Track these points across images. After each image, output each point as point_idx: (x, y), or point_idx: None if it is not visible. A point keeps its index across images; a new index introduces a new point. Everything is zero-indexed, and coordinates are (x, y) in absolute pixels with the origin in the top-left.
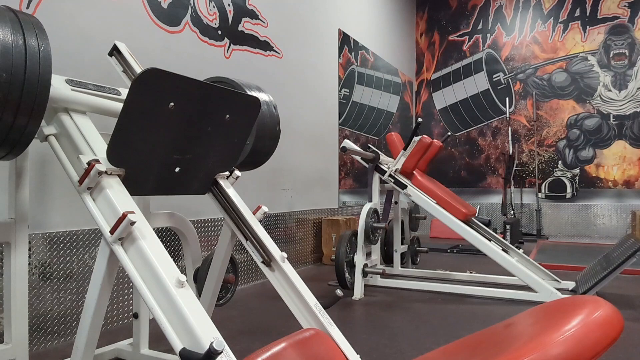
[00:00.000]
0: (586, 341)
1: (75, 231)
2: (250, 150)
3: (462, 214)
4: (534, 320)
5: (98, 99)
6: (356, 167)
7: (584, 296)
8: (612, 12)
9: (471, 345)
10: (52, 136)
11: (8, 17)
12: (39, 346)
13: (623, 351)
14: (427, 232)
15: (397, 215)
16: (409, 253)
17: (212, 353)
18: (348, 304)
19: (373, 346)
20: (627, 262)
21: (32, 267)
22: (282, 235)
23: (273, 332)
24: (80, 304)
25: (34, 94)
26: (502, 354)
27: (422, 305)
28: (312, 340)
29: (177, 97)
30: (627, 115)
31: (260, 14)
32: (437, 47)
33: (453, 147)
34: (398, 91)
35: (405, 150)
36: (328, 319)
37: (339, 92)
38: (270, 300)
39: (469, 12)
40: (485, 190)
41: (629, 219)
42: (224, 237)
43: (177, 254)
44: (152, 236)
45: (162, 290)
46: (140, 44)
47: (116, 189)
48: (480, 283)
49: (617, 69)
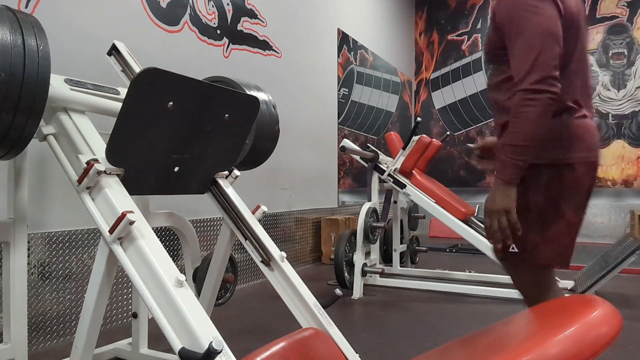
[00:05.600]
0: (585, 340)
1: (74, 231)
2: (250, 149)
3: (461, 213)
4: (532, 319)
5: (97, 98)
6: (355, 166)
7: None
8: (610, 12)
9: (470, 345)
10: (51, 136)
11: (7, 16)
12: (38, 346)
13: (622, 350)
14: (426, 231)
15: (396, 215)
16: (408, 252)
17: (212, 352)
18: (347, 304)
19: (372, 345)
20: (626, 261)
21: (31, 266)
22: (281, 235)
23: (272, 331)
24: (80, 303)
25: (32, 94)
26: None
27: (421, 304)
28: (311, 339)
29: (176, 97)
30: (625, 115)
31: (260, 13)
32: (436, 46)
33: (452, 146)
34: (397, 90)
35: (404, 149)
36: (327, 318)
37: (338, 91)
38: (269, 300)
39: (468, 11)
40: (484, 190)
41: (627, 218)
42: (223, 236)
43: (177, 254)
44: (151, 236)
45: (161, 289)
46: (139, 43)
47: (115, 188)
48: (479, 282)
49: (615, 68)
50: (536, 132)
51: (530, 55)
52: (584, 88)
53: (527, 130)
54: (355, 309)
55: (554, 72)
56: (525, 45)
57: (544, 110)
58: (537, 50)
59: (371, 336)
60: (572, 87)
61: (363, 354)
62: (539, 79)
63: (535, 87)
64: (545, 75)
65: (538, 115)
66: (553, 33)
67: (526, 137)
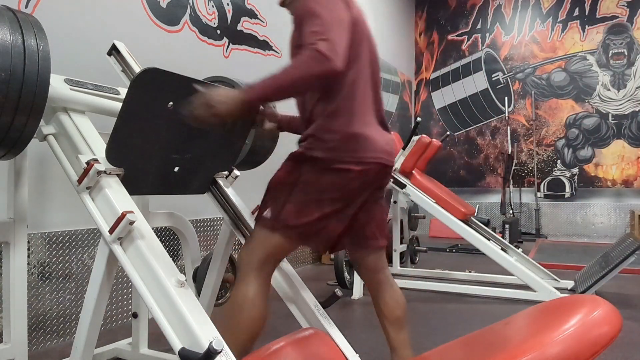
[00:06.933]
0: (585, 340)
1: (74, 231)
2: (249, 149)
3: (461, 213)
4: (532, 319)
5: (97, 98)
6: None
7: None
8: (610, 12)
9: (470, 344)
10: (51, 136)
11: (7, 16)
12: (38, 346)
13: (622, 350)
14: (426, 231)
15: (396, 215)
16: (408, 252)
17: (212, 352)
18: (347, 304)
19: (372, 346)
20: (626, 261)
21: (31, 266)
22: None
23: (272, 331)
24: (80, 303)
25: (32, 94)
26: (501, 352)
27: (421, 304)
28: (311, 339)
29: (176, 97)
30: (625, 115)
31: (259, 13)
32: (436, 46)
33: (452, 146)
34: (397, 90)
35: (404, 149)
36: (327, 318)
37: None
38: (269, 300)
39: (468, 11)
40: (484, 190)
41: (627, 218)
42: (223, 236)
43: (177, 254)
44: (151, 236)
45: (161, 289)
46: (139, 43)
47: (115, 188)
48: (479, 282)
49: (615, 68)
50: (295, 88)
51: (321, 29)
52: (368, 97)
53: (290, 82)
54: (355, 309)
55: (339, 52)
56: (317, 23)
57: (315, 74)
58: (328, 29)
59: (371, 336)
60: (353, 93)
61: (363, 354)
62: (328, 47)
63: (322, 51)
64: (331, 48)
65: (310, 75)
66: (343, 21)
67: (283, 87)
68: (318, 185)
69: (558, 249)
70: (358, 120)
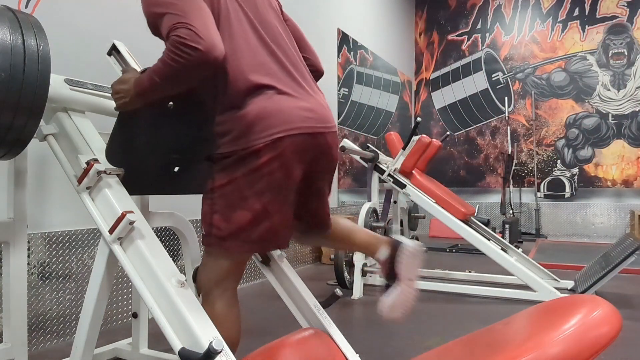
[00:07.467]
0: (585, 340)
1: (74, 231)
2: None
3: (461, 213)
4: (532, 319)
5: (97, 98)
6: (355, 166)
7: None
8: (611, 12)
9: (470, 344)
10: (51, 136)
11: (7, 16)
12: (38, 346)
13: (622, 350)
14: (426, 231)
15: (396, 215)
16: None
17: (212, 352)
18: (347, 304)
19: (372, 345)
20: (626, 262)
21: (31, 266)
22: None
23: (272, 331)
24: (80, 303)
25: (32, 94)
26: (501, 352)
27: (421, 304)
28: (311, 339)
29: (176, 97)
30: (625, 115)
31: None
32: (436, 46)
33: (452, 146)
34: (397, 90)
35: (404, 149)
36: (327, 318)
37: (338, 91)
38: (269, 300)
39: (468, 11)
40: (484, 190)
41: (627, 218)
42: None
43: (176, 254)
44: (151, 236)
45: (161, 289)
46: (139, 43)
47: (115, 188)
48: (479, 282)
49: (615, 68)
50: (172, 83)
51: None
52: (265, 67)
53: (165, 78)
54: (355, 309)
55: (204, 36)
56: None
57: (184, 66)
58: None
59: (371, 336)
60: (249, 65)
61: (363, 354)
62: (188, 34)
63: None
64: (193, 34)
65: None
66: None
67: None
68: (234, 184)
69: (558, 249)
70: (255, 98)
